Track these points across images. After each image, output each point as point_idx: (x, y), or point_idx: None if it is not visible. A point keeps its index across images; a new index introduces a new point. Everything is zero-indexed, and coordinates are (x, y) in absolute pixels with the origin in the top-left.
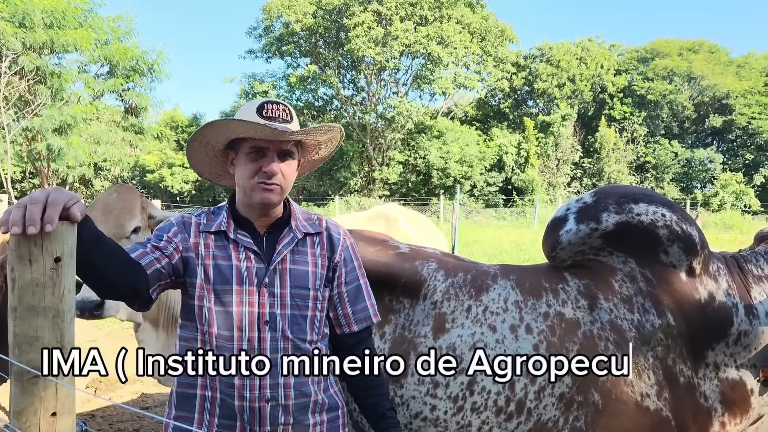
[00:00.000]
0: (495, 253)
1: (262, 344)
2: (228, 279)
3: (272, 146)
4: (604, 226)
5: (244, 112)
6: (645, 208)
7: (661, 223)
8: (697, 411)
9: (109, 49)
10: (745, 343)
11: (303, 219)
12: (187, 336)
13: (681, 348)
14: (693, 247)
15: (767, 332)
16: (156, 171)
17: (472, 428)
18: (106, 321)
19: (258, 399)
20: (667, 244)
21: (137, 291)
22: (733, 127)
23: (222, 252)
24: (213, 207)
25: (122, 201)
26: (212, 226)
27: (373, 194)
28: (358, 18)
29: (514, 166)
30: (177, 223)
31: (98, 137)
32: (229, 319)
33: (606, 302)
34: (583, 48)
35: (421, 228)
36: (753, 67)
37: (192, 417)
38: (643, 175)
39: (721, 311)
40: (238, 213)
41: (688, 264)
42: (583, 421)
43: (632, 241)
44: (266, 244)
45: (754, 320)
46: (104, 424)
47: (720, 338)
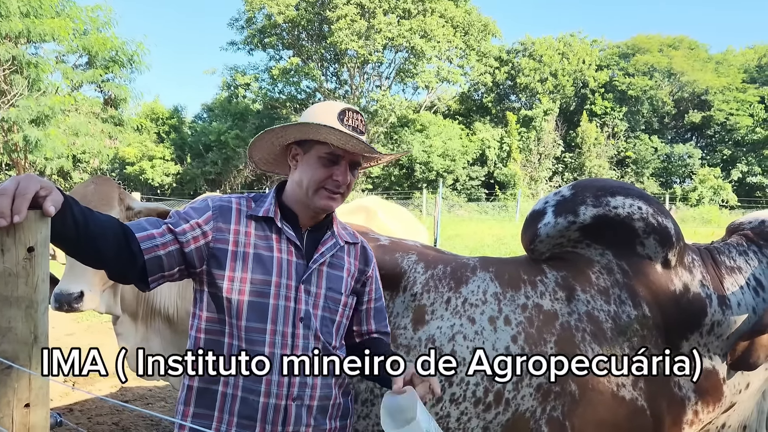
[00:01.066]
0: (477, 246)
1: (295, 341)
2: (269, 270)
3: (347, 156)
4: (582, 219)
5: (324, 116)
6: (622, 201)
7: (637, 215)
8: (672, 400)
9: (87, 39)
10: (718, 333)
11: (341, 227)
12: (211, 329)
13: (656, 338)
14: (668, 240)
15: (739, 322)
16: (136, 163)
17: (451, 419)
18: (85, 314)
19: (285, 397)
20: (644, 237)
21: (127, 277)
22: (712, 123)
23: (264, 242)
24: (252, 194)
25: (99, 192)
26: (259, 211)
27: (355, 187)
28: (341, 10)
29: (496, 160)
30: (214, 208)
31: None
32: (263, 312)
33: (583, 294)
34: (565, 43)
35: (402, 221)
36: (731, 63)
37: (212, 414)
38: (623, 170)
39: (695, 302)
40: (285, 205)
41: (663, 256)
42: (560, 411)
43: (609, 234)
44: (307, 242)
45: (726, 310)
46: (83, 417)
47: (694, 328)
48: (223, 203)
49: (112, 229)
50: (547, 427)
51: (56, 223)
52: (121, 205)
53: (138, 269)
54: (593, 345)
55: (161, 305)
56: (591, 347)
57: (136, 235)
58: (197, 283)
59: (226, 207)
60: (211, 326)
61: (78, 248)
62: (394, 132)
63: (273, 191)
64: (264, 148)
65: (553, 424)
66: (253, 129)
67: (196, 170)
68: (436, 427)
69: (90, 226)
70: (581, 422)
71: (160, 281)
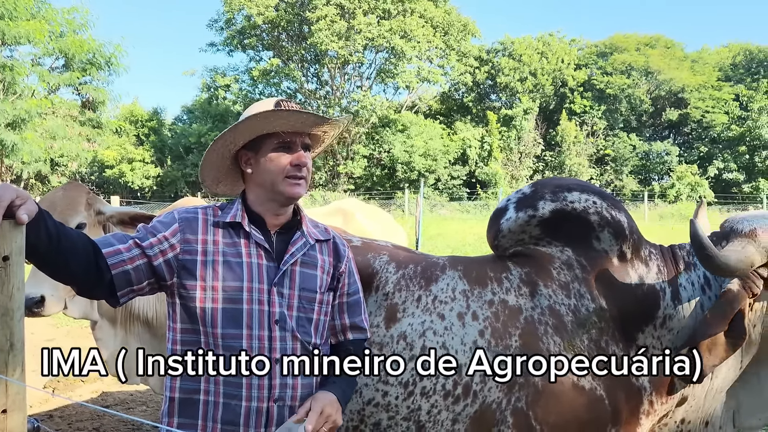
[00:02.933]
0: (459, 245)
1: (272, 343)
2: (239, 275)
3: (299, 140)
4: (541, 213)
5: (260, 108)
6: (578, 196)
7: (592, 209)
8: (629, 390)
9: (64, 42)
10: (669, 326)
11: (311, 225)
12: (187, 339)
13: (613, 330)
14: (622, 232)
15: (688, 318)
16: (115, 166)
17: (422, 412)
18: (64, 320)
19: (267, 399)
20: (599, 230)
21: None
22: (689, 121)
23: (232, 249)
24: (218, 203)
25: (66, 198)
26: (226, 218)
27: (338, 188)
28: (321, 11)
29: (477, 159)
30: (180, 220)
31: (54, 132)
32: (238, 318)
33: (545, 289)
34: (545, 42)
35: (380, 222)
36: (706, 62)
37: (195, 423)
38: (602, 168)
39: (650, 295)
40: (251, 209)
41: (618, 248)
42: (524, 401)
43: (567, 228)
44: (277, 244)
45: (678, 305)
46: (62, 424)
47: (648, 321)
48: (189, 215)
49: (83, 244)
50: (512, 418)
51: (30, 235)
52: (90, 210)
53: (106, 284)
54: (555, 337)
55: (140, 309)
56: (553, 339)
57: (102, 251)
58: (170, 296)
59: (192, 218)
60: (187, 337)
61: (49, 262)
62: (375, 132)
63: (239, 199)
64: (215, 164)
65: (517, 415)
66: None
67: (176, 173)
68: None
69: (62, 240)
70: (544, 412)
71: (129, 295)
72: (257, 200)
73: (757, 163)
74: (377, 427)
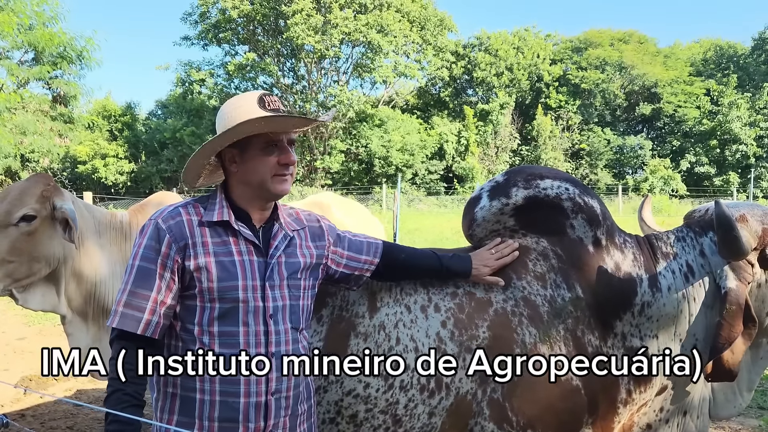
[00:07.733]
0: (436, 240)
1: (269, 338)
2: (233, 274)
3: (285, 137)
4: (514, 201)
5: (245, 109)
6: (550, 183)
7: (565, 196)
8: (606, 379)
9: (33, 35)
10: (648, 314)
11: (286, 215)
12: (186, 338)
13: (589, 318)
14: (596, 218)
15: (669, 306)
16: (88, 162)
17: (399, 405)
18: (35, 317)
19: (265, 393)
20: (572, 216)
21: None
22: (661, 115)
23: (222, 248)
24: (195, 198)
25: (20, 188)
26: (213, 217)
27: (315, 183)
28: (297, 5)
29: (454, 154)
30: (168, 230)
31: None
32: (234, 316)
33: (519, 281)
34: (520, 38)
35: (356, 216)
36: (678, 57)
37: (192, 422)
38: (578, 162)
39: (626, 282)
40: (236, 205)
41: (593, 235)
42: (500, 392)
43: (541, 217)
44: (262, 239)
45: (656, 293)
46: (35, 423)
47: (626, 308)
48: (173, 221)
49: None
50: (488, 410)
51: None
52: (45, 203)
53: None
54: (530, 328)
55: (112, 303)
56: (528, 330)
57: (137, 333)
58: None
59: (178, 224)
60: (185, 336)
61: None
62: (352, 127)
63: (220, 193)
64: (199, 164)
65: (493, 406)
66: (209, 125)
67: (151, 168)
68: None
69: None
70: (520, 402)
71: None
72: (243, 197)
73: (727, 156)
74: (353, 419)
